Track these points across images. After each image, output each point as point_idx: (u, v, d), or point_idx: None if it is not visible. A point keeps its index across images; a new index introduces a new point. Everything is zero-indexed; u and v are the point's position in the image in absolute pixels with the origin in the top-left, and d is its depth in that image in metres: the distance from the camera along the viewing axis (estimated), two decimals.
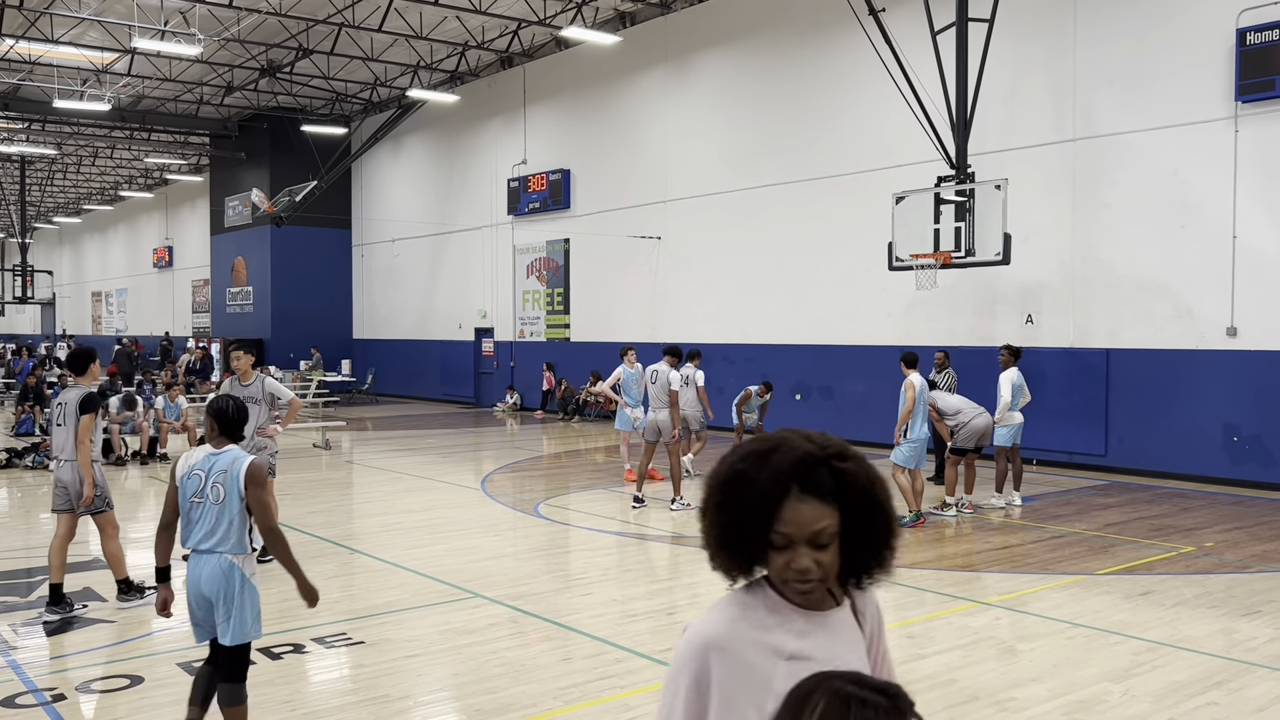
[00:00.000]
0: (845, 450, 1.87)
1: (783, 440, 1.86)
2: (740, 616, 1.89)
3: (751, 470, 1.83)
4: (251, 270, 33.31)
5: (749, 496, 1.82)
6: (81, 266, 55.29)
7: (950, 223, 13.68)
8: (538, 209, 24.73)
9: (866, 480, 1.84)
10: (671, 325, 20.80)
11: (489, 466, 15.73)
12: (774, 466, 1.81)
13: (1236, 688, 5.71)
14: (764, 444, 1.87)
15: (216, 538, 4.60)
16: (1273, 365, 12.85)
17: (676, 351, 11.92)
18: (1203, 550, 9.40)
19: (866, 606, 2.01)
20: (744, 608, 1.89)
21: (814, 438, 1.87)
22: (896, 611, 7.59)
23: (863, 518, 1.83)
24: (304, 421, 22.75)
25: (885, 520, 1.88)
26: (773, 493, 1.79)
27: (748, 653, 1.85)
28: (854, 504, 1.82)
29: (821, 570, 1.81)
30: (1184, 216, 13.57)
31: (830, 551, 1.81)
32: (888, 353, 16.29)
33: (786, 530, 1.79)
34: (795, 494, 1.79)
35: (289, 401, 9.15)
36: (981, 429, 11.18)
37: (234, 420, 4.82)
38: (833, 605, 1.93)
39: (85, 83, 27.90)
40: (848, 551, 1.84)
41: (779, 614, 1.88)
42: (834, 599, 1.93)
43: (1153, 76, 13.83)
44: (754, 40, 19.42)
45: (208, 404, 4.91)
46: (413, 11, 21.90)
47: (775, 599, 1.88)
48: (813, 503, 1.79)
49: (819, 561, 1.80)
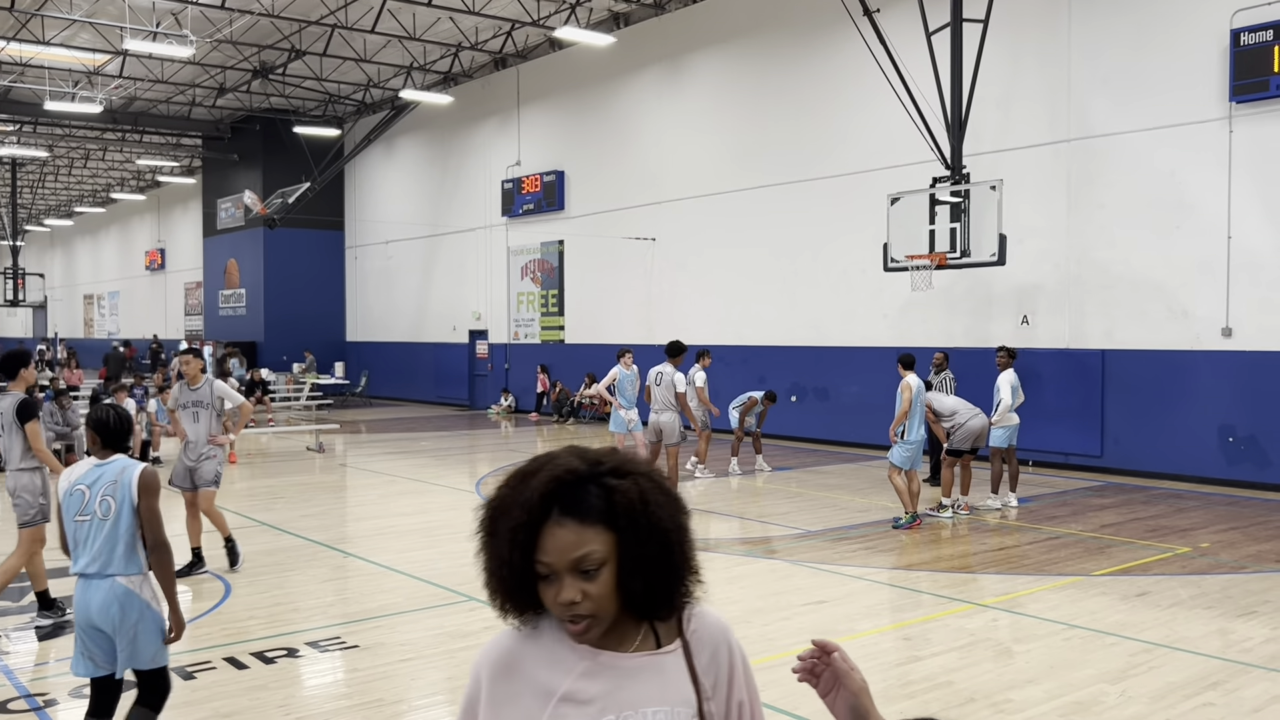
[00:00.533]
0: (624, 467, 1.67)
1: (549, 459, 1.68)
2: (521, 647, 1.71)
3: (511, 494, 1.65)
4: (244, 273, 33.22)
5: (506, 524, 1.63)
6: (73, 269, 55.15)
7: (945, 224, 13.68)
8: (532, 210, 24.69)
9: (640, 498, 1.63)
10: (667, 327, 20.76)
11: (483, 469, 15.69)
12: (531, 488, 1.63)
13: (1233, 688, 5.70)
14: (532, 464, 1.68)
15: (105, 560, 4.15)
16: (1268, 365, 12.86)
17: (675, 350, 11.82)
18: (1198, 551, 9.40)
19: (704, 649, 1.74)
20: (528, 639, 1.71)
21: (588, 455, 1.68)
22: (893, 613, 7.58)
23: (642, 541, 1.62)
24: (297, 424, 22.69)
25: (669, 542, 1.66)
26: (529, 518, 1.61)
27: (519, 685, 1.69)
28: (630, 526, 1.62)
29: (593, 603, 1.61)
30: (1179, 217, 13.59)
31: (601, 581, 1.61)
32: (883, 354, 16.30)
33: (547, 559, 1.60)
34: (555, 517, 1.60)
35: (238, 406, 8.90)
36: (977, 430, 11.18)
37: (115, 431, 4.42)
38: (645, 646, 1.70)
39: (77, 84, 27.81)
40: (630, 580, 1.63)
41: (563, 651, 1.68)
42: (655, 638, 1.71)
43: (1147, 77, 13.84)
44: (748, 41, 19.41)
45: (88, 415, 4.52)
46: (406, 12, 21.86)
47: (563, 634, 1.69)
48: (573, 526, 1.60)
49: (586, 592, 1.60)
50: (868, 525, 10.71)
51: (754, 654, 6.31)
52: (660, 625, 1.72)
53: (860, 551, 9.47)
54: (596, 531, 1.61)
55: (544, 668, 1.68)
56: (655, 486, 1.68)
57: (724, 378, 18.31)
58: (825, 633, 6.83)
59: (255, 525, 10.86)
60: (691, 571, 1.71)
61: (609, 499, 1.62)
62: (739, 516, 11.58)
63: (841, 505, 12.00)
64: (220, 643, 6.71)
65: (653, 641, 1.71)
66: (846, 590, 8.02)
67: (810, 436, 18.21)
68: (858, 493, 12.90)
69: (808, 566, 8.84)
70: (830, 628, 6.96)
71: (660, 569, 1.65)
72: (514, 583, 1.65)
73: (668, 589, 1.68)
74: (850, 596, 7.84)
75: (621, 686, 1.67)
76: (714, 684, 1.73)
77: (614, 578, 1.62)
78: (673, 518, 1.68)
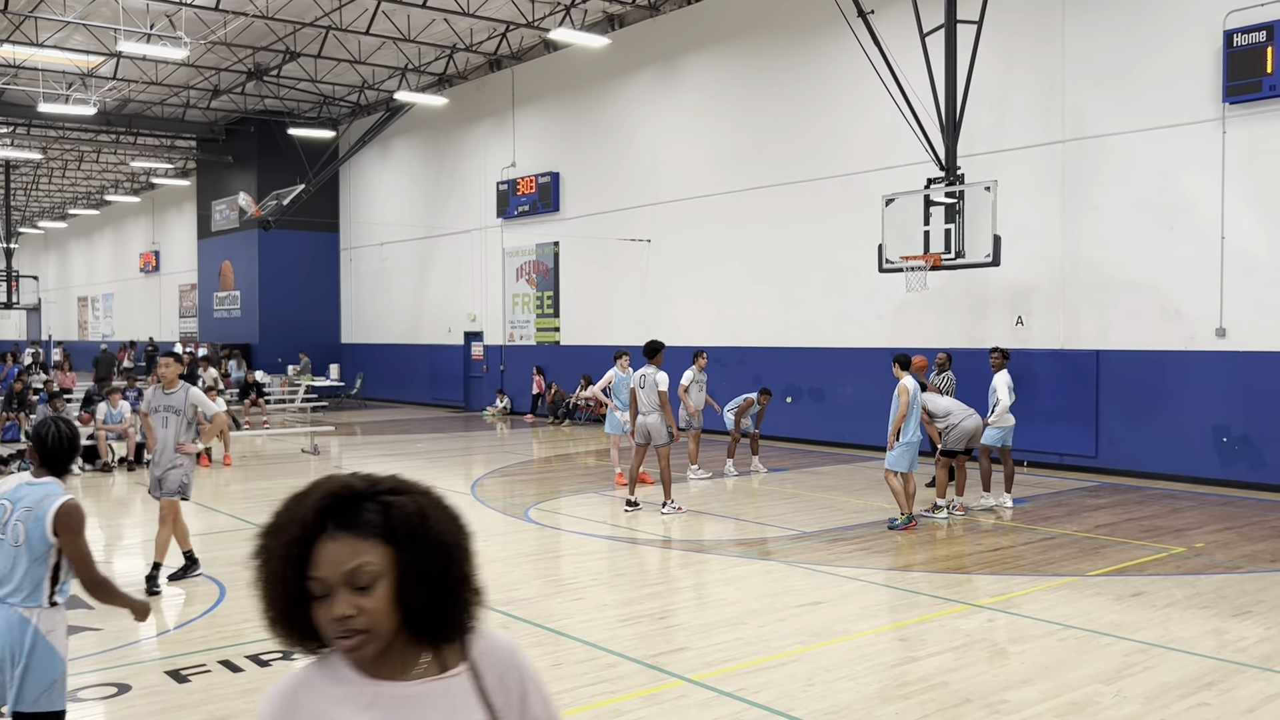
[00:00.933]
0: (403, 486, 1.65)
1: (326, 479, 1.65)
2: (305, 684, 1.66)
3: (285, 514, 1.62)
4: (239, 274, 33.18)
5: (280, 541, 1.59)
6: (67, 271, 55.03)
7: (940, 225, 13.70)
8: (527, 212, 24.69)
9: (418, 512, 1.61)
10: (662, 328, 20.75)
11: (479, 471, 15.68)
12: (305, 505, 1.60)
13: (1227, 688, 5.71)
14: (308, 485, 1.66)
15: (8, 586, 3.76)
16: (1261, 366, 12.89)
17: (652, 351, 11.72)
18: (1193, 551, 9.41)
19: (491, 671, 1.71)
20: (311, 676, 1.66)
21: (367, 476, 1.66)
22: (889, 614, 7.59)
23: (421, 555, 1.59)
24: (292, 427, 22.66)
25: (450, 557, 1.63)
26: (303, 533, 1.58)
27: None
28: (409, 540, 1.59)
29: (368, 618, 1.57)
30: (1172, 218, 13.62)
31: (378, 596, 1.57)
32: (878, 355, 16.31)
33: (321, 574, 1.56)
34: (330, 532, 1.58)
35: (214, 416, 8.57)
36: (971, 430, 11.18)
37: (54, 450, 3.95)
38: (430, 672, 1.66)
39: (70, 86, 27.76)
40: (411, 595, 1.60)
41: (345, 684, 1.63)
42: (438, 665, 1.67)
43: (1141, 78, 13.88)
44: (743, 42, 19.43)
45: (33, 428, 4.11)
46: (400, 14, 21.85)
47: (345, 667, 1.64)
48: (347, 539, 1.57)
49: (361, 607, 1.56)
50: (863, 526, 10.72)
51: (750, 655, 6.33)
52: (446, 651, 1.68)
53: (856, 552, 9.48)
54: (372, 545, 1.58)
55: (328, 704, 1.63)
56: (435, 504, 1.66)
57: (719, 379, 18.31)
58: (821, 634, 6.84)
59: (250, 528, 10.83)
60: (474, 591, 1.68)
61: (386, 513, 1.60)
62: (735, 518, 11.58)
63: (837, 506, 12.01)
64: (214, 645, 6.71)
65: (437, 668, 1.67)
66: (842, 591, 8.03)
67: (805, 437, 18.22)
68: (853, 494, 12.91)
69: (804, 567, 8.84)
70: (826, 629, 6.96)
71: (441, 585, 1.62)
72: (289, 603, 1.60)
73: (450, 607, 1.64)
74: (846, 597, 7.84)
75: (405, 715, 1.63)
76: (506, 704, 1.71)
77: (391, 593, 1.59)
78: (453, 535, 1.66)
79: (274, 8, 21.42)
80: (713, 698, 5.60)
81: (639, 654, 6.41)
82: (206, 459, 16.21)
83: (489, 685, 1.70)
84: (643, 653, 6.43)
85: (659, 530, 10.66)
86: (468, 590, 1.67)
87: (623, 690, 5.76)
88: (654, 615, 7.43)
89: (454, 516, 1.68)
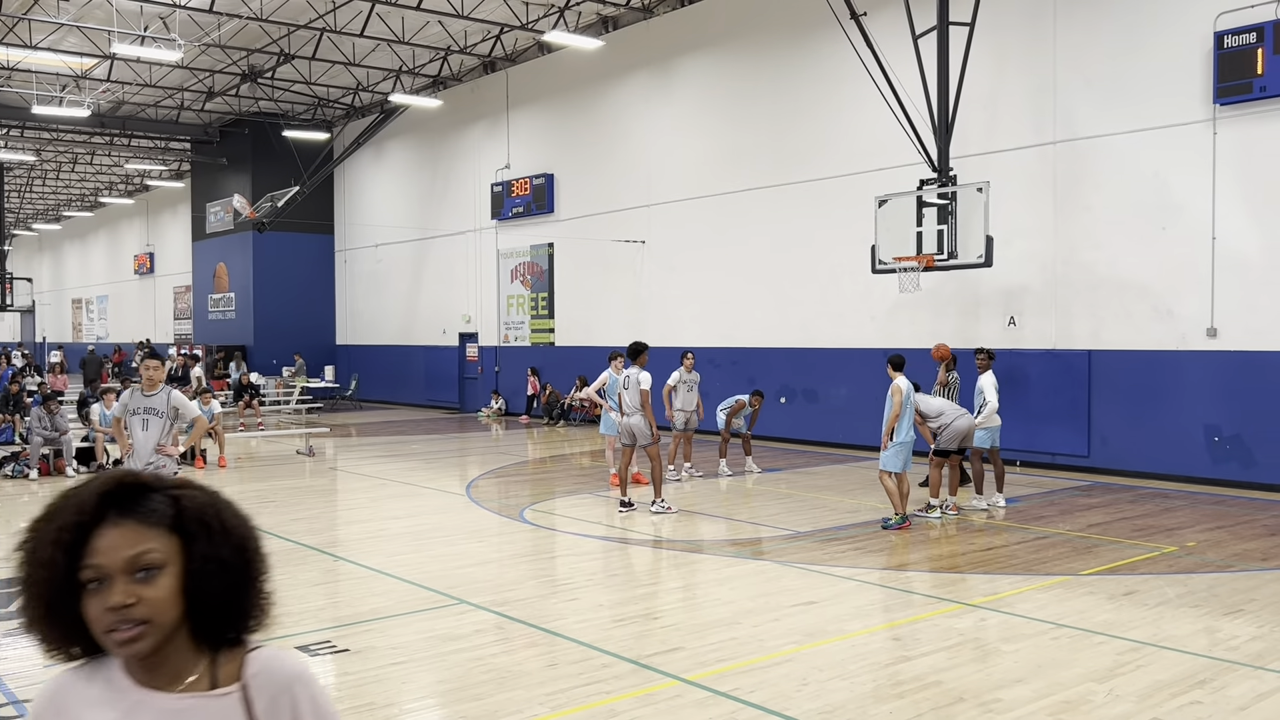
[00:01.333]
0: (193, 484, 1.59)
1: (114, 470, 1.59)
2: (68, 685, 1.57)
3: (63, 500, 1.52)
4: (233, 276, 33.15)
5: (53, 525, 1.49)
6: (62, 273, 54.89)
7: (933, 225, 13.75)
8: (521, 213, 24.70)
9: (210, 504, 1.56)
10: (656, 329, 20.79)
11: (474, 472, 15.69)
12: (87, 490, 1.51)
13: (1219, 686, 5.75)
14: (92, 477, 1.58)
15: None
16: (1253, 365, 12.95)
17: (636, 351, 11.74)
18: (1185, 550, 9.46)
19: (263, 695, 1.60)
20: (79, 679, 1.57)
21: (154, 474, 1.60)
22: (883, 613, 7.62)
23: (214, 544, 1.53)
24: (287, 428, 22.65)
25: (242, 551, 1.57)
26: (80, 518, 1.48)
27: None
28: (202, 530, 1.53)
29: (148, 608, 1.47)
30: (1164, 218, 13.68)
31: (160, 586, 1.48)
32: (872, 355, 16.35)
33: (98, 560, 1.46)
34: (112, 519, 1.49)
35: (193, 420, 8.41)
36: (964, 430, 11.22)
37: None
38: (199, 687, 1.57)
39: (64, 88, 27.72)
40: (199, 586, 1.52)
41: (110, 691, 1.54)
42: (209, 680, 1.58)
43: (1132, 80, 13.94)
44: (736, 44, 19.47)
45: None
46: (394, 16, 21.85)
47: (113, 670, 1.55)
48: (132, 526, 1.48)
49: (141, 596, 1.47)
50: (857, 526, 10.75)
51: (744, 655, 6.35)
52: (222, 666, 1.60)
53: (850, 552, 9.51)
54: (158, 534, 1.50)
55: (83, 707, 1.54)
56: (226, 502, 1.62)
57: (713, 379, 18.35)
58: (815, 633, 6.87)
59: None
60: (263, 594, 1.62)
61: (176, 504, 1.54)
62: (728, 518, 11.61)
63: (831, 506, 12.04)
64: None
65: (208, 683, 1.58)
66: (836, 591, 8.06)
67: (799, 438, 18.26)
68: (847, 494, 12.94)
69: (797, 567, 8.87)
70: (820, 628, 6.99)
71: (232, 578, 1.56)
72: (55, 597, 1.48)
73: (238, 604, 1.58)
74: (840, 597, 7.87)
75: None
76: None
77: (176, 584, 1.51)
78: (247, 531, 1.61)
79: (268, 10, 21.41)
80: (707, 698, 5.63)
81: (634, 654, 6.43)
82: (201, 461, 16.21)
83: (258, 710, 1.60)
84: (637, 653, 6.46)
85: (653, 531, 10.69)
86: (256, 591, 1.61)
87: (617, 690, 5.78)
88: (648, 615, 7.46)
89: (245, 517, 1.63)
